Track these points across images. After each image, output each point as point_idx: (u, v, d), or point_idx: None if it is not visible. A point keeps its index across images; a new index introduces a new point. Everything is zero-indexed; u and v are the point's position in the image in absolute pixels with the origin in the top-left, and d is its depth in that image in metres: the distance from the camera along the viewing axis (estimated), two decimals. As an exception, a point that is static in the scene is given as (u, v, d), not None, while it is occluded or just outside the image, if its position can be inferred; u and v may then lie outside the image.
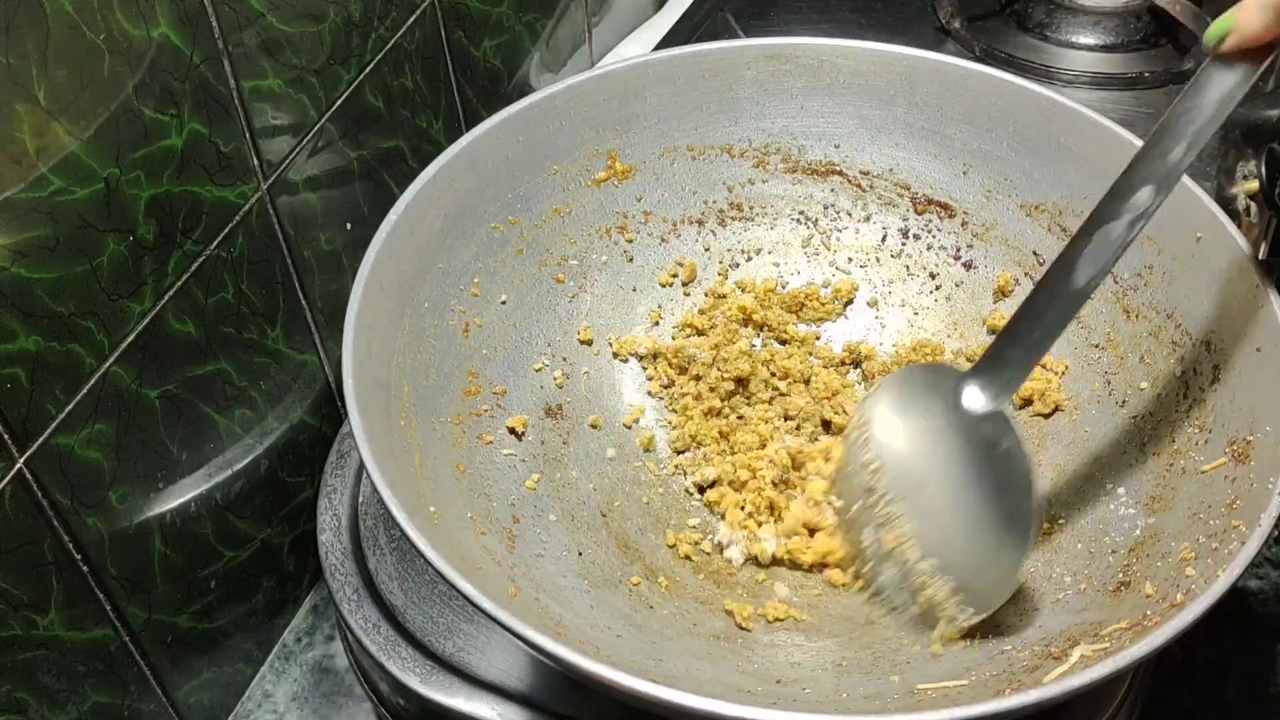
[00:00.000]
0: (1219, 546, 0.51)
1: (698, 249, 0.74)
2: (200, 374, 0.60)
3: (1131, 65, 0.91)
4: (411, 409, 0.59)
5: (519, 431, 0.65)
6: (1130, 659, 0.46)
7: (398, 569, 0.63)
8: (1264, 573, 0.71)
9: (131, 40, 0.51)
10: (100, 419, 0.54)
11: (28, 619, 0.52)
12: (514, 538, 0.59)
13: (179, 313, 0.57)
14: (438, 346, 0.63)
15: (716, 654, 0.57)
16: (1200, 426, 0.58)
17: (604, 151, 0.71)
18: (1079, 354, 0.67)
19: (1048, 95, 0.66)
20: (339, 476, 0.67)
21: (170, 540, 0.60)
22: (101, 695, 0.58)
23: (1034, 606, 0.58)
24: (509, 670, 0.59)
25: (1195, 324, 0.61)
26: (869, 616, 0.60)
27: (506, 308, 0.68)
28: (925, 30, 0.95)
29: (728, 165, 0.73)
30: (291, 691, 0.69)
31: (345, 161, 0.69)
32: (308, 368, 0.69)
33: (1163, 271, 0.63)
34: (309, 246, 0.67)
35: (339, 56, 0.66)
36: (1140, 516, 0.58)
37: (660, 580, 0.62)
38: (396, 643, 0.60)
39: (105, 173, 0.51)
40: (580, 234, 0.71)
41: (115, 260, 0.52)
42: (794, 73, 0.71)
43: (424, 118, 0.76)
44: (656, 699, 0.45)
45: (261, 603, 0.69)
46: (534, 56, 0.89)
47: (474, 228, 0.66)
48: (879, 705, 0.53)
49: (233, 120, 0.58)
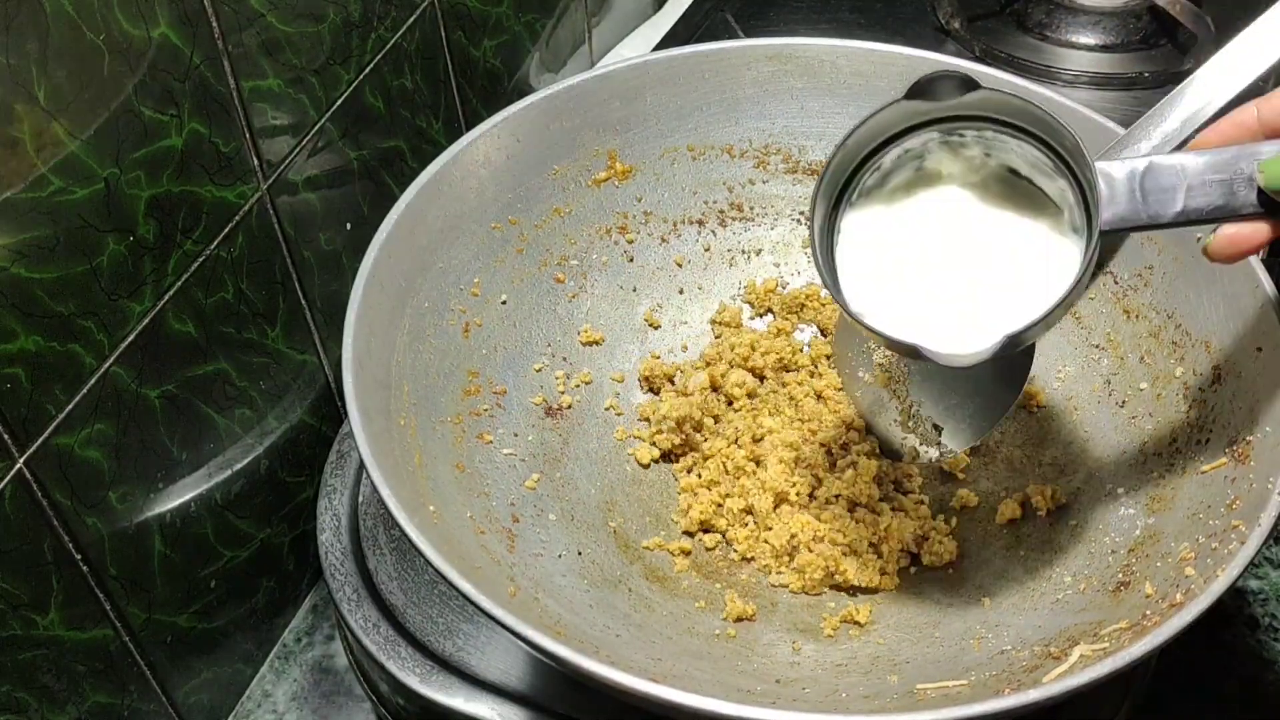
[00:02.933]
0: (1219, 546, 0.51)
1: (698, 249, 0.74)
2: (200, 374, 0.60)
3: (1131, 65, 0.91)
4: (411, 409, 0.59)
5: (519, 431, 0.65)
6: (1130, 659, 0.46)
7: (397, 569, 0.63)
8: (1264, 573, 0.71)
9: (131, 40, 0.51)
10: (100, 419, 0.54)
11: (28, 619, 0.52)
12: (514, 537, 0.59)
13: (179, 313, 0.57)
14: (438, 346, 0.63)
15: (716, 654, 0.57)
16: (1200, 426, 0.58)
17: (604, 151, 0.71)
18: (1079, 354, 0.67)
19: (1048, 95, 0.66)
20: (339, 476, 0.67)
21: (170, 540, 0.60)
22: (101, 695, 0.58)
23: (1034, 606, 0.58)
24: (509, 670, 0.59)
25: (1195, 324, 0.61)
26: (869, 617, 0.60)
27: (506, 308, 0.68)
28: (925, 30, 0.95)
29: (728, 165, 0.73)
30: (291, 691, 0.69)
31: (345, 161, 0.69)
32: (307, 368, 0.69)
33: (1163, 272, 0.63)
34: (309, 246, 0.67)
35: (339, 56, 0.66)
36: (1140, 516, 0.58)
37: (660, 579, 0.62)
38: (396, 642, 0.60)
39: (105, 173, 0.51)
40: (580, 234, 0.71)
41: (115, 260, 0.52)
42: (794, 73, 0.71)
43: (424, 118, 0.76)
44: (656, 699, 0.45)
45: (261, 603, 0.69)
46: (534, 56, 0.89)
47: (474, 228, 0.66)
48: (878, 705, 0.53)
49: (233, 120, 0.58)
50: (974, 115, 0.51)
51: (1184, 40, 0.92)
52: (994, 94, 0.49)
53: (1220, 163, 0.47)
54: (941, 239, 0.53)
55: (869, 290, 0.53)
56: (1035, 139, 0.51)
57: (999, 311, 0.51)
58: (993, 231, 0.53)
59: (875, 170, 0.53)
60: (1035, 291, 0.50)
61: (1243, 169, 0.47)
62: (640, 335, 0.73)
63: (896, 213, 0.54)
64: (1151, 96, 0.88)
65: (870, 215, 0.54)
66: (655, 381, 0.71)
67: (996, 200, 0.53)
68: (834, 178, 0.53)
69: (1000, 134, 0.51)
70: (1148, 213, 0.48)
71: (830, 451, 0.67)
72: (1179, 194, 0.48)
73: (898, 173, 0.54)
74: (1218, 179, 0.47)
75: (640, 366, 0.71)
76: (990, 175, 0.53)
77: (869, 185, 0.54)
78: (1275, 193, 0.46)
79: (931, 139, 0.52)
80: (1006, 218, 0.53)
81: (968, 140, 0.52)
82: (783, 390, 0.70)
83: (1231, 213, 0.47)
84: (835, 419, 0.69)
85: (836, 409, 0.69)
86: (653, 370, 0.71)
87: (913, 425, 0.67)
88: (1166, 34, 0.93)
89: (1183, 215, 0.48)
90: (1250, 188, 0.47)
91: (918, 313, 0.52)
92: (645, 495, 0.67)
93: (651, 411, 0.69)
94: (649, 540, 0.64)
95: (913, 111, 0.51)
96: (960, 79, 0.49)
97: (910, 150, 0.53)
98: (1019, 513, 0.64)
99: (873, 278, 0.53)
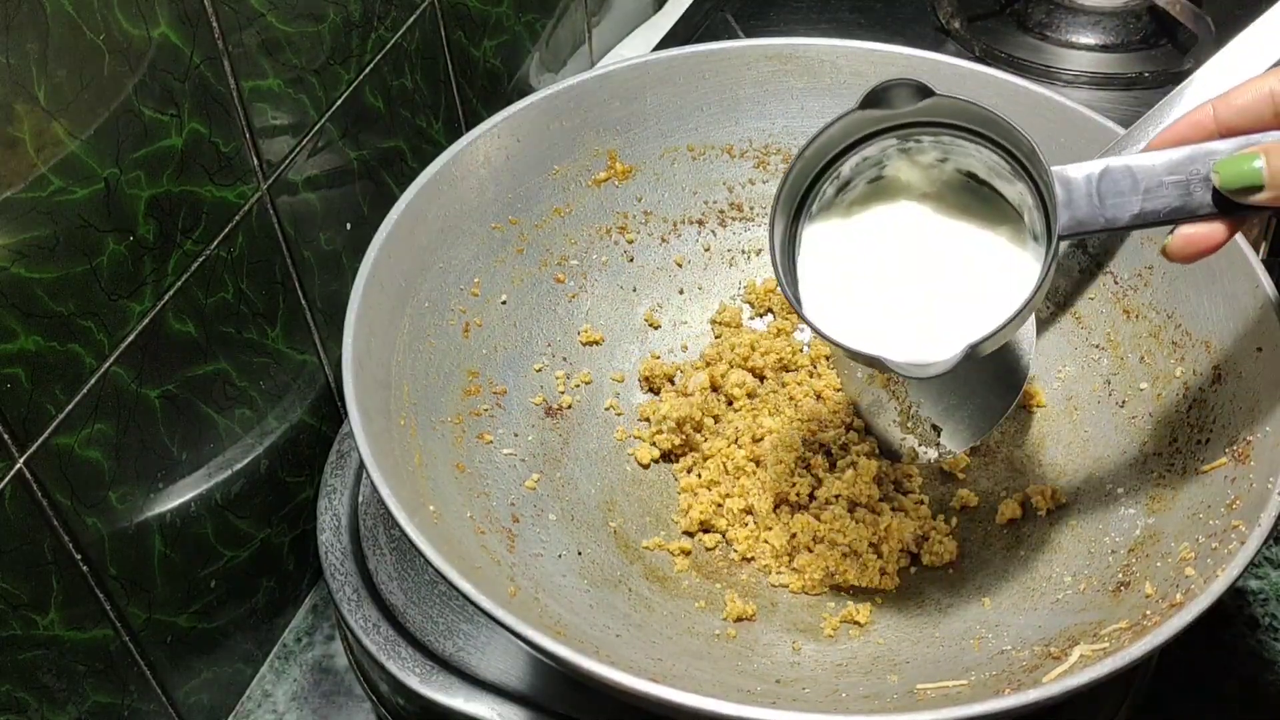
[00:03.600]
0: (1219, 546, 0.51)
1: (698, 249, 0.74)
2: (200, 374, 0.60)
3: (1131, 65, 0.91)
4: (411, 408, 0.59)
5: (519, 431, 0.65)
6: (1130, 659, 0.46)
7: (397, 569, 0.63)
8: (1264, 573, 0.71)
9: (131, 40, 0.51)
10: (100, 419, 0.54)
11: (28, 619, 0.52)
12: (514, 537, 0.59)
13: (179, 313, 0.57)
14: (438, 346, 0.63)
15: (716, 654, 0.57)
16: (1200, 426, 0.58)
17: (604, 151, 0.71)
18: (1079, 354, 0.67)
19: (1048, 95, 0.66)
20: (339, 476, 0.67)
21: (170, 540, 0.60)
22: (101, 695, 0.58)
23: (1034, 606, 0.58)
24: (509, 670, 0.59)
25: (1195, 324, 0.61)
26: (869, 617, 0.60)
27: (506, 307, 0.68)
28: (925, 30, 0.95)
29: (728, 165, 0.73)
30: (291, 691, 0.69)
31: (345, 161, 0.69)
32: (307, 368, 0.69)
33: (1163, 272, 0.63)
34: (309, 246, 0.67)
35: (339, 56, 0.66)
36: (1140, 516, 0.58)
37: (660, 579, 0.62)
38: (396, 643, 0.60)
39: (105, 173, 0.51)
40: (580, 234, 0.71)
41: (115, 260, 0.52)
42: (794, 73, 0.71)
43: (424, 118, 0.76)
44: (656, 699, 0.45)
45: (261, 603, 0.69)
46: (534, 56, 0.89)
47: (474, 228, 0.66)
48: (878, 705, 0.53)
49: (233, 120, 0.58)
50: (931, 121, 0.51)
51: (1184, 40, 0.92)
52: (950, 100, 0.49)
53: (1176, 164, 0.47)
54: (899, 253, 0.53)
55: (830, 301, 0.53)
56: (993, 144, 0.51)
57: (958, 322, 0.51)
58: (949, 243, 0.53)
59: (834, 179, 0.53)
60: (994, 301, 0.50)
61: (1198, 170, 0.47)
62: (640, 335, 0.73)
63: (854, 226, 0.54)
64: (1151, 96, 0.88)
65: (829, 228, 0.54)
66: (655, 381, 0.71)
67: (954, 211, 0.53)
68: (793, 188, 0.53)
69: (958, 139, 0.51)
70: (1105, 216, 0.48)
71: (830, 452, 0.67)
72: (1136, 197, 0.47)
73: (856, 180, 0.54)
74: (1174, 180, 0.47)
75: (640, 366, 0.71)
76: (949, 184, 0.53)
77: (828, 196, 0.54)
78: (1230, 193, 0.46)
79: (889, 145, 0.52)
80: (963, 229, 0.53)
81: (925, 145, 0.52)
82: (783, 390, 0.70)
83: (1189, 214, 0.47)
84: (835, 419, 0.69)
85: (836, 409, 0.69)
86: (653, 370, 0.71)
87: (911, 426, 0.67)
88: (1166, 34, 0.93)
89: (1140, 218, 0.48)
90: (1206, 188, 0.47)
91: (879, 325, 0.52)
92: (645, 495, 0.67)
93: (651, 411, 0.69)
94: (649, 540, 0.64)
95: (869, 120, 0.51)
96: (915, 86, 0.49)
97: (868, 158, 0.53)
98: (1019, 513, 0.64)
99: (833, 290, 0.53)
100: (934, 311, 0.52)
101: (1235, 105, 0.47)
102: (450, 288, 0.65)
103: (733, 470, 0.66)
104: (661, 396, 0.70)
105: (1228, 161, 0.46)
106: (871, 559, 0.62)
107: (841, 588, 0.62)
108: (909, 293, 0.53)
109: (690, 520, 0.65)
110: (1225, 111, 0.47)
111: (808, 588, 0.62)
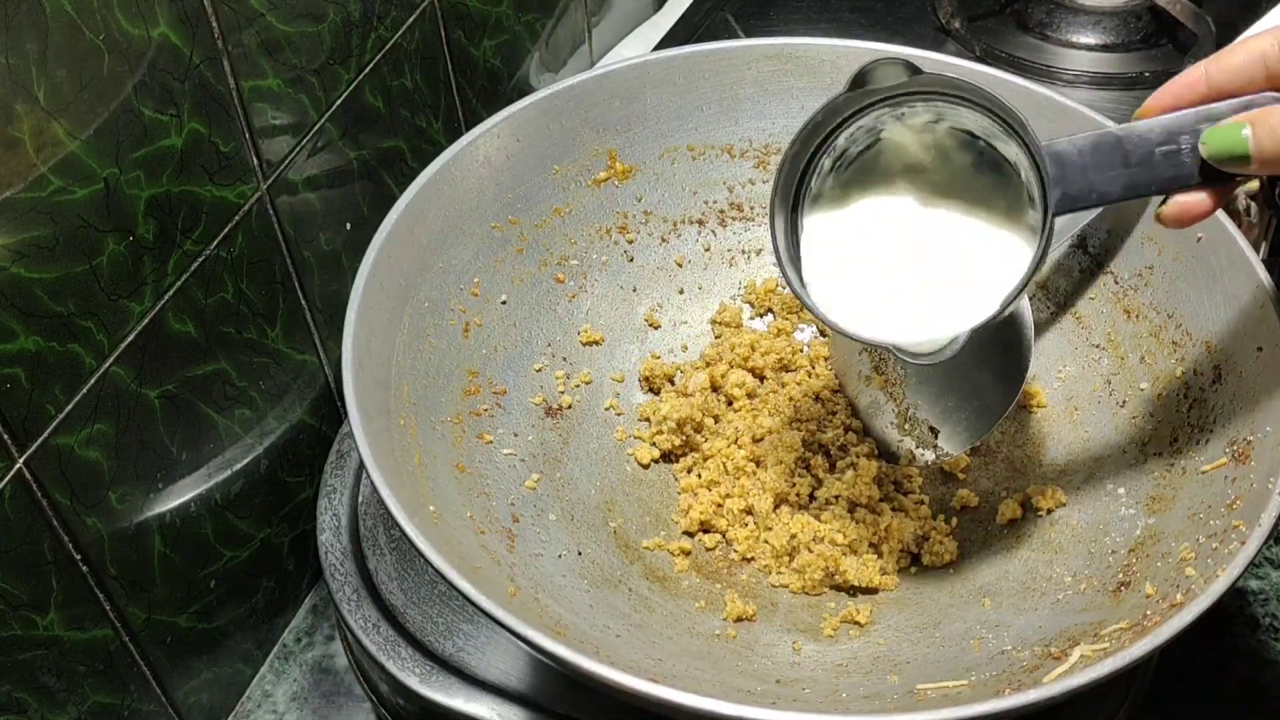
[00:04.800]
0: (1219, 546, 0.51)
1: (698, 249, 0.74)
2: (200, 374, 0.60)
3: (1131, 65, 0.91)
4: (411, 409, 0.59)
5: (519, 431, 0.65)
6: (1130, 659, 0.46)
7: (397, 569, 0.63)
8: (1264, 573, 0.71)
9: (131, 40, 0.51)
10: (100, 419, 0.54)
11: (28, 619, 0.52)
12: (514, 537, 0.59)
13: (179, 313, 0.57)
14: (438, 346, 0.63)
15: (716, 654, 0.57)
16: (1200, 426, 0.58)
17: (604, 151, 0.71)
18: (1079, 354, 0.67)
19: (1048, 95, 0.66)
20: (339, 476, 0.67)
21: (170, 540, 0.60)
22: (101, 695, 0.58)
23: (1034, 607, 0.58)
24: (509, 670, 0.59)
25: (1195, 324, 0.61)
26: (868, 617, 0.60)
27: (506, 307, 0.68)
28: (925, 30, 0.95)
29: (728, 165, 0.73)
30: (291, 691, 0.69)
31: (345, 161, 0.69)
32: (307, 368, 0.69)
33: (1163, 272, 0.63)
34: (309, 246, 0.67)
35: (339, 56, 0.66)
36: (1140, 516, 0.58)
37: (660, 580, 0.62)
38: (396, 643, 0.60)
39: (105, 173, 0.51)
40: (580, 234, 0.71)
41: (115, 260, 0.52)
42: (794, 73, 0.71)
43: (424, 118, 0.76)
44: (656, 699, 0.45)
45: (261, 603, 0.69)
46: (534, 56, 0.89)
47: (474, 228, 0.66)
48: (878, 705, 0.53)
49: (232, 120, 0.58)
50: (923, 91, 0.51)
51: (1184, 40, 0.92)
52: (939, 75, 0.50)
53: (1166, 134, 0.47)
54: (894, 241, 0.54)
55: (834, 289, 0.53)
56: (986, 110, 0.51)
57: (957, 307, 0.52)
58: (943, 230, 0.53)
59: (830, 152, 0.53)
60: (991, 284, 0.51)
61: (1187, 140, 0.47)
62: (640, 335, 0.73)
63: (850, 214, 0.54)
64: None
65: (827, 217, 0.54)
66: (655, 381, 0.71)
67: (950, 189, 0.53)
68: (790, 172, 0.53)
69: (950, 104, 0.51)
70: (1097, 191, 0.48)
71: (830, 452, 0.67)
72: (1127, 169, 0.48)
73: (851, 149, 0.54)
74: (1164, 150, 0.47)
75: (640, 366, 0.71)
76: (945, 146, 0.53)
77: (825, 169, 0.54)
78: (1218, 163, 0.46)
79: (883, 113, 0.52)
80: (958, 218, 0.53)
81: (918, 109, 0.52)
82: (783, 390, 0.70)
83: (1181, 184, 0.48)
84: (835, 420, 0.69)
85: (836, 409, 0.69)
86: (653, 370, 0.71)
87: (909, 428, 0.67)
88: (1166, 34, 0.93)
89: (1132, 190, 0.48)
90: (1195, 157, 0.47)
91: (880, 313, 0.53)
92: (645, 495, 0.67)
93: (651, 412, 0.69)
94: (649, 540, 0.64)
95: (859, 97, 0.51)
96: (903, 64, 0.49)
97: (863, 126, 0.53)
98: (1019, 513, 0.64)
99: (835, 277, 0.53)
100: (930, 298, 0.53)
101: (1227, 67, 0.47)
102: (450, 288, 0.65)
103: (733, 470, 0.66)
104: (661, 396, 0.70)
105: (1215, 132, 0.46)
106: (871, 559, 0.62)
107: (842, 588, 0.62)
108: (906, 281, 0.53)
109: (690, 520, 0.65)
110: (1217, 73, 0.47)
111: (808, 588, 0.62)
